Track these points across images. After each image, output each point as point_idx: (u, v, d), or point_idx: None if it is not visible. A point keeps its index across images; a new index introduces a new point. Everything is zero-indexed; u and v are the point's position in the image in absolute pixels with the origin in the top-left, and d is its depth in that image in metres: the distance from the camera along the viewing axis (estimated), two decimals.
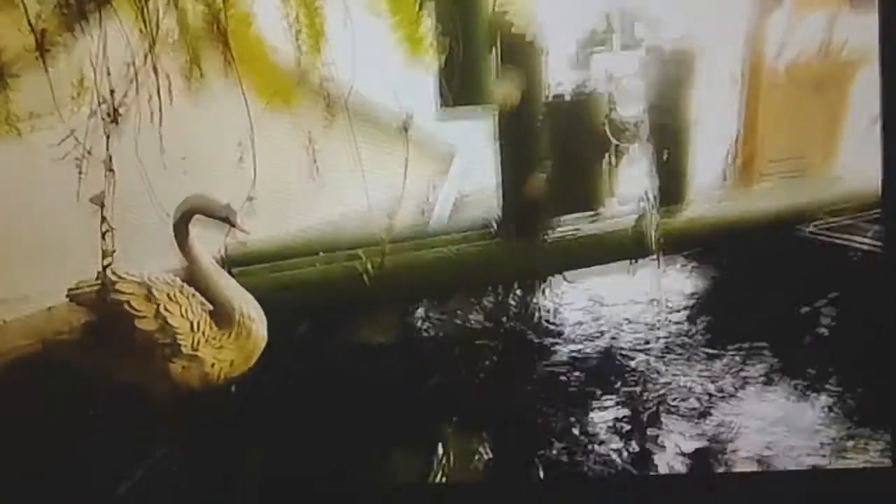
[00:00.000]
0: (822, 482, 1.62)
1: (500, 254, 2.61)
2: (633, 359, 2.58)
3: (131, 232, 2.08)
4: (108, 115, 1.63)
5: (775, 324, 2.84)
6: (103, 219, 1.60)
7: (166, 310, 1.88)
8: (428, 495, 1.90)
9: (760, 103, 3.08)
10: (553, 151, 2.49)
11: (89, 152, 1.64)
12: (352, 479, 1.95)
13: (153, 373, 1.86)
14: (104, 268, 1.68)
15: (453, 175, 3.35)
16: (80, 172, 1.67)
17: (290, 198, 2.71)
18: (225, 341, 1.96)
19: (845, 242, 2.70)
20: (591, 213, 2.58)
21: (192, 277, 2.02)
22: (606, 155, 2.48)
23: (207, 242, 2.18)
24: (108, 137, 1.62)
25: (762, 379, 2.43)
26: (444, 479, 1.98)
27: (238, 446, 2.01)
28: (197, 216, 1.98)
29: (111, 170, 1.61)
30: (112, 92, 1.64)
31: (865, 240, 2.60)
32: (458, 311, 2.96)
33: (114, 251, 1.65)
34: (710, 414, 2.27)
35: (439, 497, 1.91)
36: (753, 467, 2.03)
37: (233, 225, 1.99)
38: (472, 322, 2.89)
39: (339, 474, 1.96)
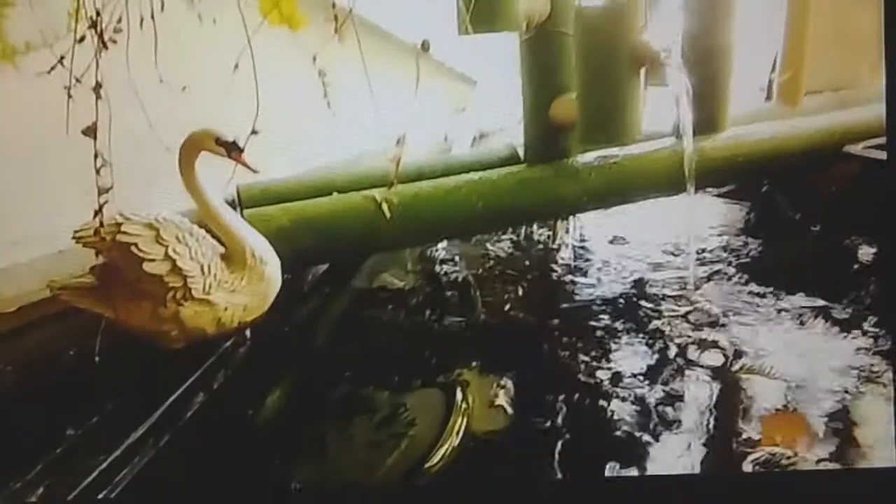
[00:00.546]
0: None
1: (525, 184, 2.47)
2: (664, 297, 2.48)
3: (135, 171, 2.02)
4: (99, 38, 1.51)
5: (818, 256, 2.72)
6: (97, 153, 1.50)
7: (175, 252, 1.81)
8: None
9: (807, 18, 2.86)
10: (582, 74, 2.31)
11: (78, 80, 1.53)
12: (370, 425, 1.91)
13: (165, 318, 1.81)
14: (101, 206, 1.59)
15: (474, 105, 3.21)
16: (69, 99, 1.56)
17: (301, 134, 2.61)
18: (238, 285, 1.90)
19: None
20: (623, 139, 2.42)
21: (202, 219, 1.95)
22: (639, 77, 2.29)
23: (218, 182, 2.12)
24: (97, 62, 1.51)
25: (800, 315, 2.34)
26: (463, 424, 1.92)
27: (254, 393, 1.98)
28: (203, 153, 1.89)
29: (100, 97, 1.50)
30: (98, 13, 1.52)
31: None
32: (482, 248, 2.88)
33: (110, 187, 1.56)
34: (743, 353, 2.17)
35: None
36: (781, 402, 1.94)
37: (240, 162, 1.89)
38: (496, 259, 2.81)
39: (357, 418, 1.92)
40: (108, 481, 1.43)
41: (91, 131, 1.58)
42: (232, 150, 1.88)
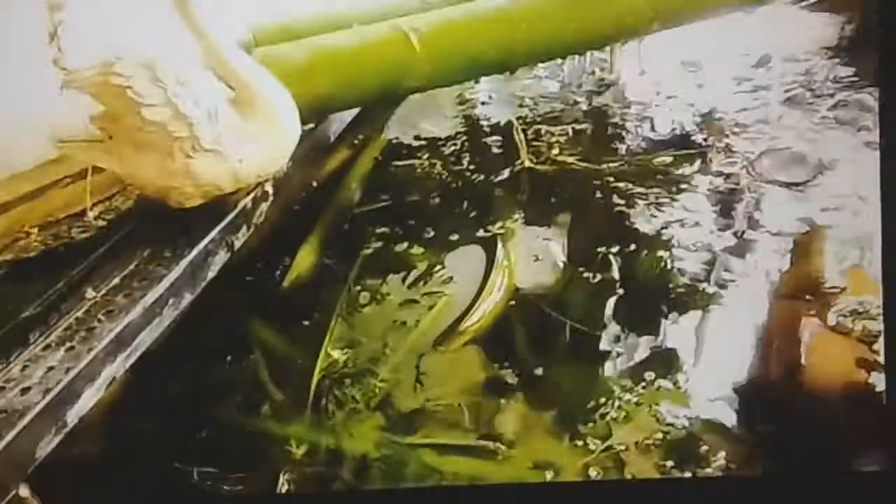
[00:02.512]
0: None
1: (577, 2, 2.13)
2: (738, 133, 2.22)
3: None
4: None
5: None
6: None
7: (176, 95, 1.64)
8: None
9: None
10: None
11: None
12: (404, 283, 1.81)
13: (175, 172, 1.67)
14: (55, 27, 1.42)
15: None
16: None
17: None
18: (251, 133, 1.72)
19: None
20: None
21: (206, 59, 1.76)
22: None
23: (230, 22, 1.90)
24: None
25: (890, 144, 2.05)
26: (505, 280, 1.79)
27: (279, 253, 1.89)
28: None
29: None
30: None
31: None
32: (527, 84, 2.60)
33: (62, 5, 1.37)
34: (818, 182, 1.95)
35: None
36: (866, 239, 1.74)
37: None
38: (544, 97, 2.54)
39: (390, 277, 1.83)
40: (126, 344, 1.38)
41: None
42: None
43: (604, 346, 1.61)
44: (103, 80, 1.60)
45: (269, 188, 1.87)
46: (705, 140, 2.20)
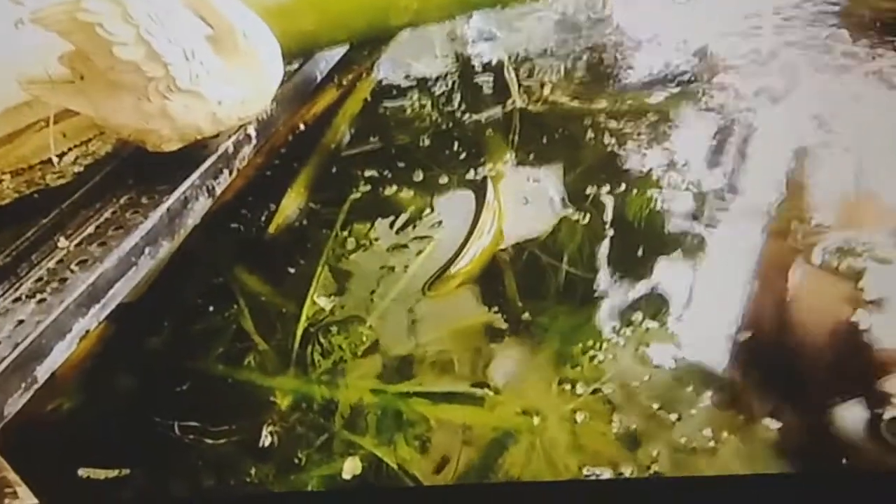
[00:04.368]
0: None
1: None
2: (728, 70, 2.00)
3: None
4: None
5: None
6: None
7: (149, 33, 1.43)
8: None
9: None
10: None
11: None
12: (393, 227, 1.64)
13: (151, 114, 1.48)
14: None
15: None
16: None
17: None
18: (230, 73, 1.52)
19: None
20: None
21: None
22: None
23: None
24: None
25: (882, 78, 1.86)
26: (494, 222, 1.62)
27: (264, 198, 1.71)
28: None
29: None
30: None
31: None
32: (518, 22, 2.35)
33: None
34: (820, 123, 1.76)
35: None
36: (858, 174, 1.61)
37: None
38: (535, 35, 2.30)
39: (379, 221, 1.65)
40: (100, 295, 1.23)
41: None
42: None
43: (594, 288, 1.48)
44: (71, 18, 1.40)
45: (251, 131, 1.68)
46: (698, 77, 2.00)
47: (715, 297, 1.43)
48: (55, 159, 1.54)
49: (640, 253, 1.52)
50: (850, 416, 1.22)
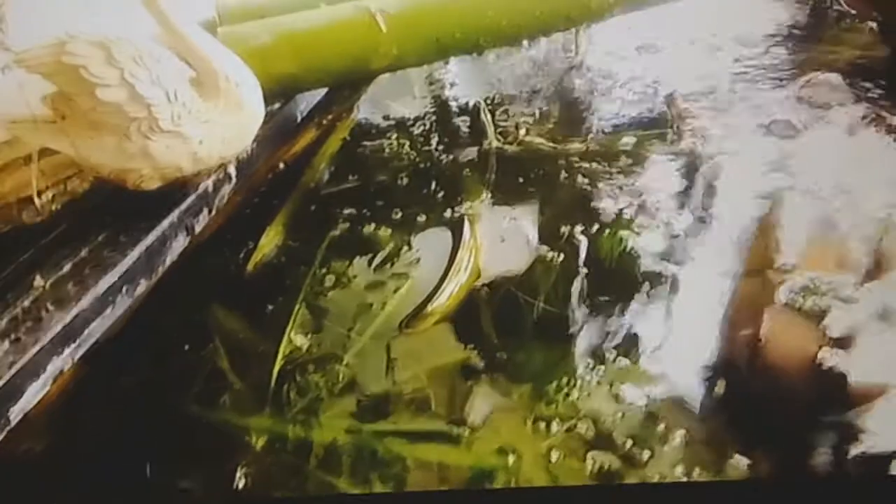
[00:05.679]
0: None
1: None
2: (698, 114, 2.08)
3: None
4: None
5: (872, 61, 2.25)
6: None
7: (133, 76, 1.44)
8: None
9: None
10: None
11: None
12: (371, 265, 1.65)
13: (132, 154, 1.49)
14: None
15: None
16: None
17: None
18: (212, 114, 1.54)
19: None
20: None
21: (166, 38, 1.56)
22: None
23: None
24: None
25: (849, 124, 1.94)
26: (471, 261, 1.64)
27: (242, 237, 1.71)
28: None
29: None
30: None
31: None
32: (494, 66, 2.42)
33: None
34: (784, 168, 1.83)
35: None
36: (824, 217, 1.66)
37: None
38: (510, 79, 2.37)
39: (357, 259, 1.67)
40: (75, 335, 1.21)
41: None
42: None
43: (568, 326, 1.49)
44: (55, 60, 1.42)
45: (231, 170, 1.70)
46: (667, 121, 2.07)
47: (687, 335, 1.45)
48: (36, 199, 1.54)
49: (613, 292, 1.55)
50: (820, 451, 1.25)
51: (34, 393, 1.13)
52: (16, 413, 1.10)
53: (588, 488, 1.21)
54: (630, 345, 1.43)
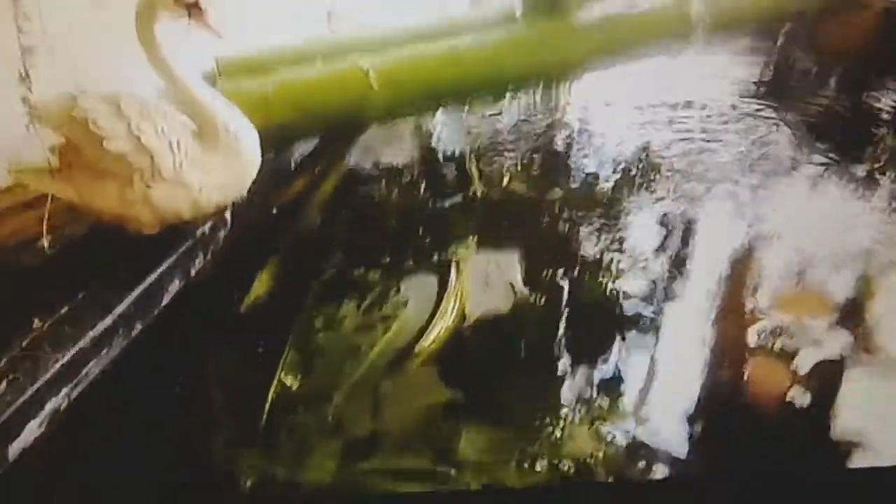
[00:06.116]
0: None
1: (523, 44, 2.10)
2: (672, 165, 2.18)
3: (92, 41, 1.70)
4: None
5: (834, 114, 2.39)
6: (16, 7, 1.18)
7: (139, 128, 1.52)
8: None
9: None
10: None
11: None
12: (360, 307, 1.70)
13: (134, 200, 1.55)
14: (26, 70, 1.29)
15: None
16: None
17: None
18: (211, 163, 1.62)
19: None
20: None
21: (171, 92, 1.64)
22: None
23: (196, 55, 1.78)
24: None
25: (815, 175, 2.05)
26: (457, 304, 1.70)
27: (237, 279, 1.76)
28: (162, 16, 1.55)
29: None
30: None
31: None
32: (479, 118, 2.53)
33: (34, 49, 1.25)
34: (757, 219, 1.92)
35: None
36: (795, 264, 1.73)
37: (203, 24, 1.55)
38: (494, 130, 2.48)
39: (346, 301, 1.71)
40: (73, 375, 1.25)
41: None
42: (192, 10, 1.53)
43: (552, 367, 1.54)
44: (66, 114, 1.50)
45: (227, 216, 1.76)
46: (643, 170, 2.17)
47: (669, 376, 1.50)
48: (46, 242, 1.58)
49: (594, 334, 1.60)
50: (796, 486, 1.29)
51: (32, 431, 1.16)
52: (14, 450, 1.13)
53: None
54: (612, 385, 1.47)
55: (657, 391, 1.46)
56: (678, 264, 1.80)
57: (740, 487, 1.25)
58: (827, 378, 1.48)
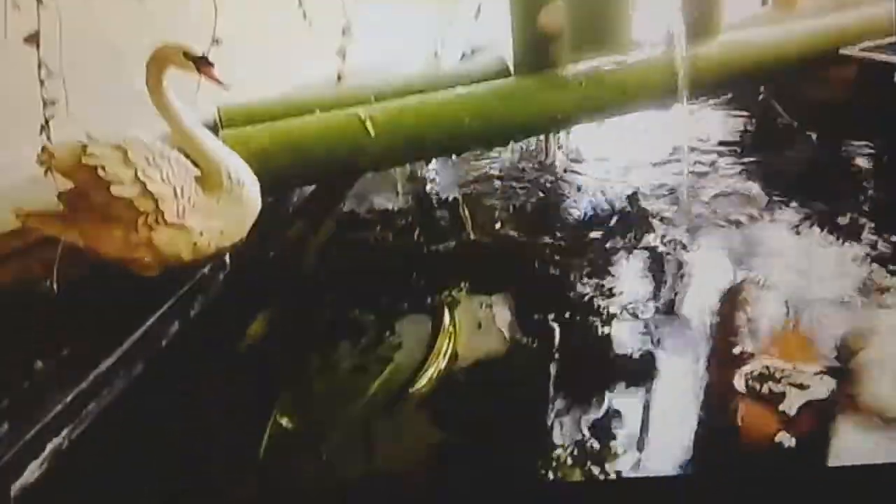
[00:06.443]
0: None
1: (515, 97, 2.19)
2: (659, 213, 2.26)
3: (101, 90, 1.77)
4: None
5: (811, 167, 2.49)
6: (40, 62, 1.25)
7: (145, 175, 1.58)
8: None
9: None
10: None
11: None
12: (355, 349, 1.73)
13: (137, 244, 1.60)
14: (46, 120, 1.35)
15: (463, 18, 2.87)
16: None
17: (278, 49, 2.31)
18: (214, 208, 1.67)
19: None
20: (613, 46, 2.12)
21: (175, 140, 1.71)
22: None
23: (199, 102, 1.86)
24: None
25: (795, 225, 2.13)
26: (450, 347, 1.74)
27: (235, 320, 1.79)
28: (171, 68, 1.63)
29: (42, 3, 1.24)
30: None
31: None
32: (472, 166, 2.62)
33: (56, 101, 1.32)
34: (741, 263, 1.98)
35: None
36: (781, 311, 1.77)
37: (210, 77, 1.63)
38: (487, 178, 2.57)
39: (342, 343, 1.75)
40: (74, 415, 1.27)
41: (33, 39, 1.33)
42: (201, 64, 1.61)
43: (544, 410, 1.55)
44: (76, 161, 1.56)
45: (226, 258, 1.81)
46: (631, 217, 2.24)
47: (660, 416, 1.52)
48: (54, 286, 1.61)
49: (586, 376, 1.62)
50: None
51: (33, 471, 1.17)
52: (17, 489, 1.14)
53: None
54: (605, 428, 1.49)
55: (651, 434, 1.47)
56: (670, 308, 1.85)
57: None
58: (815, 421, 1.51)
